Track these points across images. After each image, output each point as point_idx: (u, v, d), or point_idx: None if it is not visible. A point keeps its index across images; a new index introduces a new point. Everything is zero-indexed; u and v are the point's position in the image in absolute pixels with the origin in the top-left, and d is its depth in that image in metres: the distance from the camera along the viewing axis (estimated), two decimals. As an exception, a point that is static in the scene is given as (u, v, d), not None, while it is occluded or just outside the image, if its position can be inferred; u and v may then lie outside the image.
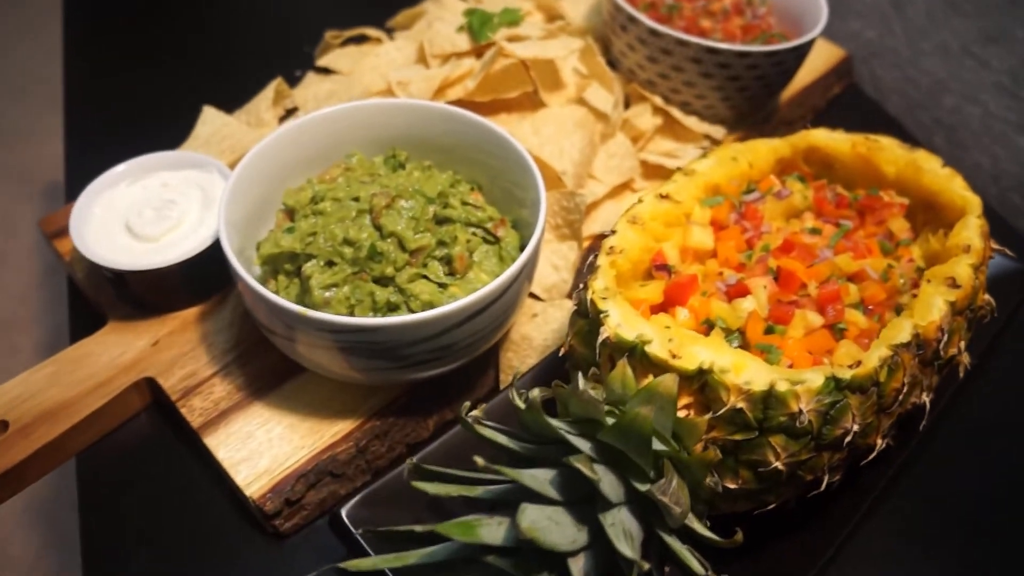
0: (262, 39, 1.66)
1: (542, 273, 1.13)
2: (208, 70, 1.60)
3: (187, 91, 1.45)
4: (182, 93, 1.46)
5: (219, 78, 1.55)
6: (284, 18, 1.73)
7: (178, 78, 1.58)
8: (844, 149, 1.10)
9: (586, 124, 1.21)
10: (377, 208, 1.00)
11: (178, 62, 1.62)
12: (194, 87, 1.51)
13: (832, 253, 0.98)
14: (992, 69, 1.67)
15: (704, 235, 0.99)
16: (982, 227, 0.98)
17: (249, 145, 1.26)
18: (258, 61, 1.54)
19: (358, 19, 1.56)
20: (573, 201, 1.12)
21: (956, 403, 1.03)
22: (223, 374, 1.07)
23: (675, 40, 1.24)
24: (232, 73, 1.55)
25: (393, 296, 0.99)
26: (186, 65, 1.62)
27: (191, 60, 1.63)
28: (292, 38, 1.60)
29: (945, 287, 0.90)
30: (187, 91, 1.45)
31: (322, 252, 0.99)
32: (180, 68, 1.61)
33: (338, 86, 1.32)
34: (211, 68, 1.60)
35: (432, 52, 1.29)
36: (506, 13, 1.31)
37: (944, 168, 1.06)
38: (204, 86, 1.52)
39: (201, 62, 1.62)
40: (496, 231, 1.07)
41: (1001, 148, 1.59)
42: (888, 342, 0.85)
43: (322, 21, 1.59)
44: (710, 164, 1.06)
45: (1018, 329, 1.12)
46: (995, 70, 1.66)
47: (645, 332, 0.85)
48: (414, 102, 1.12)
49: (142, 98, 1.53)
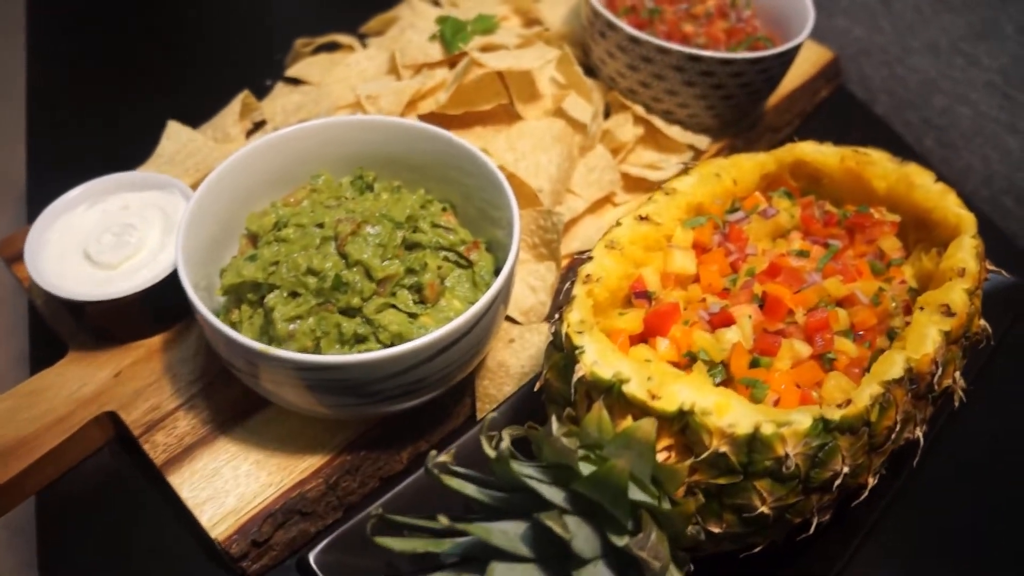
0: (231, 47, 1.58)
1: (519, 295, 1.07)
2: (175, 81, 1.52)
3: (153, 104, 1.38)
4: (148, 106, 1.38)
5: (187, 89, 1.48)
6: (254, 25, 1.65)
7: (144, 90, 1.50)
8: (832, 163, 1.04)
9: (564, 137, 1.14)
10: (342, 235, 0.94)
11: (144, 74, 1.54)
12: (161, 99, 1.44)
13: (820, 277, 0.92)
14: (982, 67, 1.60)
15: (686, 260, 0.93)
16: (977, 248, 0.92)
17: (216, 162, 1.19)
18: (227, 71, 1.46)
19: (332, 24, 1.48)
20: (550, 220, 1.05)
21: (949, 431, 0.97)
22: (188, 407, 1.01)
23: (656, 48, 1.17)
24: (200, 84, 1.47)
25: (361, 328, 0.93)
26: (152, 76, 1.54)
27: (157, 71, 1.55)
28: (262, 46, 1.52)
29: (939, 315, 0.84)
30: (153, 104, 1.38)
31: (285, 282, 0.93)
32: (146, 80, 1.53)
33: (307, 98, 1.25)
34: (178, 79, 1.53)
35: (403, 62, 1.22)
36: (480, 20, 1.23)
37: (937, 184, 0.99)
38: (171, 98, 1.44)
39: (168, 73, 1.54)
40: (469, 255, 1.01)
41: (992, 149, 1.52)
42: (879, 378, 0.79)
43: (294, 27, 1.52)
44: (692, 182, 0.99)
45: (1011, 348, 1.06)
46: (986, 68, 1.59)
47: (623, 370, 0.79)
48: (382, 119, 1.05)
49: (107, 112, 1.45)
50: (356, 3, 1.54)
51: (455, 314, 0.97)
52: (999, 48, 1.60)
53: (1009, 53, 1.59)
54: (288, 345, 0.92)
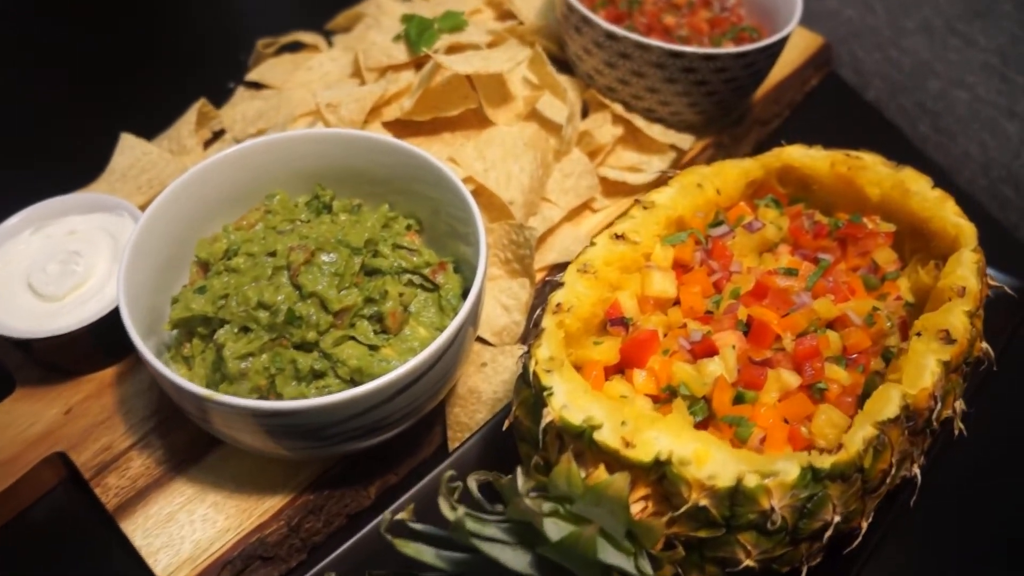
0: (192, 49, 1.47)
1: (491, 315, 0.99)
2: (130, 88, 1.41)
3: (105, 114, 1.28)
4: (99, 117, 1.28)
5: (144, 96, 1.37)
6: (217, 24, 1.54)
7: (95, 99, 1.39)
8: (822, 169, 0.95)
9: (537, 142, 1.05)
10: (295, 265, 0.85)
11: (95, 82, 1.43)
12: (114, 108, 1.33)
13: (810, 297, 0.84)
14: (979, 48, 1.49)
15: (665, 282, 0.84)
16: (978, 262, 0.83)
17: (172, 177, 1.10)
18: (188, 74, 1.37)
19: (299, 20, 1.38)
20: (522, 235, 0.97)
21: (945, 458, 0.88)
22: (141, 446, 0.93)
23: (634, 43, 1.07)
24: (158, 90, 1.36)
25: (318, 363, 0.85)
26: (105, 83, 1.42)
27: (110, 77, 1.43)
28: (226, 46, 1.42)
29: (938, 343, 0.76)
30: (105, 114, 1.28)
31: (235, 317, 0.85)
32: (97, 87, 1.42)
33: (268, 104, 1.16)
34: (134, 85, 1.41)
35: (367, 65, 1.12)
36: (448, 18, 1.13)
37: (934, 190, 0.90)
38: (125, 107, 1.33)
39: (122, 79, 1.43)
40: (434, 277, 0.92)
41: (990, 135, 1.43)
42: (873, 418, 0.71)
43: (259, 25, 1.42)
44: (671, 194, 0.90)
45: (1011, 361, 0.97)
46: (982, 49, 1.49)
47: (594, 415, 0.71)
48: (340, 133, 0.96)
49: (54, 124, 1.35)
50: (318, 5, 1.43)
51: (420, 343, 0.89)
52: (996, 27, 1.50)
53: (1007, 32, 1.49)
54: (240, 384, 0.84)
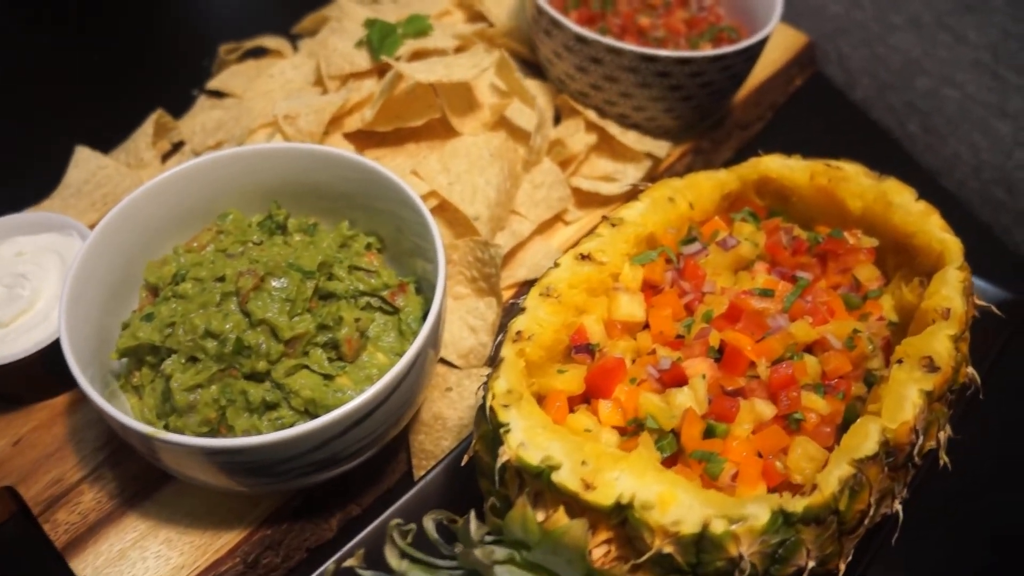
0: (156, 54, 1.40)
1: (457, 336, 0.94)
2: (89, 96, 1.34)
3: (60, 125, 1.22)
4: (54, 128, 1.22)
5: (103, 104, 1.30)
6: (182, 27, 1.47)
7: (50, 108, 1.32)
8: (801, 180, 0.89)
9: (504, 153, 0.99)
10: (243, 291, 0.80)
11: (51, 89, 1.35)
12: (71, 118, 1.27)
13: (787, 319, 0.78)
14: (969, 44, 1.43)
15: (633, 305, 0.79)
16: (964, 281, 0.78)
17: (127, 193, 1.04)
18: (151, 81, 1.31)
19: (267, 23, 1.32)
20: (488, 252, 0.91)
21: (928, 489, 0.83)
22: (93, 478, 0.88)
23: (605, 47, 1.02)
24: (118, 98, 1.30)
25: (270, 394, 0.80)
26: (61, 91, 1.35)
27: (67, 85, 1.36)
28: (192, 51, 1.35)
29: (920, 371, 0.70)
30: (60, 125, 1.22)
31: (183, 347, 0.79)
32: (52, 95, 1.34)
33: (228, 114, 1.10)
34: (93, 93, 1.34)
35: (328, 73, 1.06)
36: (412, 22, 1.08)
37: (918, 203, 0.85)
38: (83, 116, 1.27)
39: (80, 86, 1.36)
40: (394, 300, 0.87)
41: (981, 135, 1.37)
42: (850, 455, 0.65)
43: (224, 29, 1.36)
44: (641, 210, 0.85)
45: (998, 381, 0.91)
46: (973, 45, 1.43)
47: (553, 454, 0.66)
48: (293, 147, 0.90)
49: (6, 135, 1.28)
50: (287, 6, 1.37)
51: (378, 370, 0.84)
52: (987, 22, 1.43)
53: (998, 27, 1.42)
54: (190, 417, 0.79)
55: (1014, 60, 1.39)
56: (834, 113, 1.39)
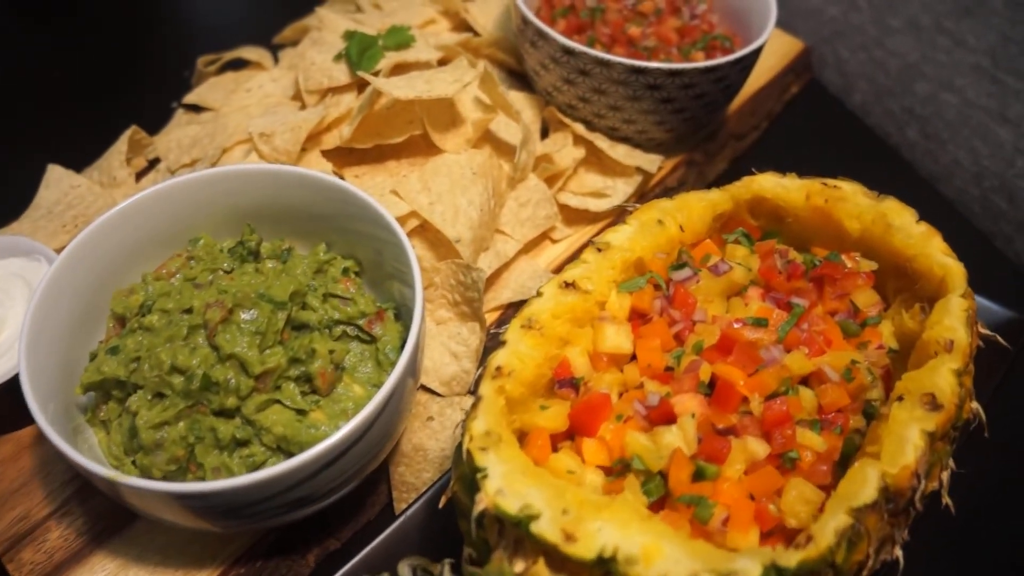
0: (135, 64, 1.35)
1: (439, 363, 0.89)
2: (65, 111, 1.28)
3: (32, 141, 1.16)
4: (25, 145, 1.17)
5: (79, 119, 1.24)
6: (162, 37, 1.42)
7: (21, 124, 1.26)
8: (797, 200, 0.84)
9: (487, 171, 0.94)
10: (211, 324, 0.75)
11: (24, 105, 1.29)
12: (44, 134, 1.21)
13: (782, 350, 0.74)
14: (968, 48, 1.38)
15: (620, 336, 0.74)
16: (967, 310, 0.73)
17: (99, 214, 1.00)
18: (128, 94, 1.26)
19: (250, 33, 1.27)
20: (470, 276, 0.87)
21: (930, 527, 0.78)
22: (60, 515, 0.84)
23: (593, 59, 0.97)
24: (96, 112, 1.24)
25: (240, 431, 0.75)
26: (34, 107, 1.30)
27: (41, 100, 1.30)
28: (172, 61, 1.31)
29: (922, 409, 0.66)
30: (32, 141, 1.16)
31: (148, 382, 0.75)
32: (25, 111, 1.29)
33: (204, 130, 1.05)
34: (69, 108, 1.29)
35: (306, 87, 1.02)
36: (393, 33, 1.02)
37: (919, 225, 0.80)
38: (57, 132, 1.21)
39: (56, 101, 1.30)
40: (371, 329, 0.83)
41: (981, 141, 1.32)
42: (848, 503, 0.61)
43: (207, 39, 1.31)
44: (629, 233, 0.80)
45: (1001, 408, 0.87)
46: (972, 49, 1.38)
47: (533, 502, 0.61)
48: (266, 169, 0.86)
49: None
50: (274, 8, 1.32)
51: (354, 404, 0.79)
52: (986, 25, 1.38)
53: (997, 31, 1.37)
54: (156, 455, 0.75)
55: (1014, 64, 1.33)
56: (831, 120, 1.34)
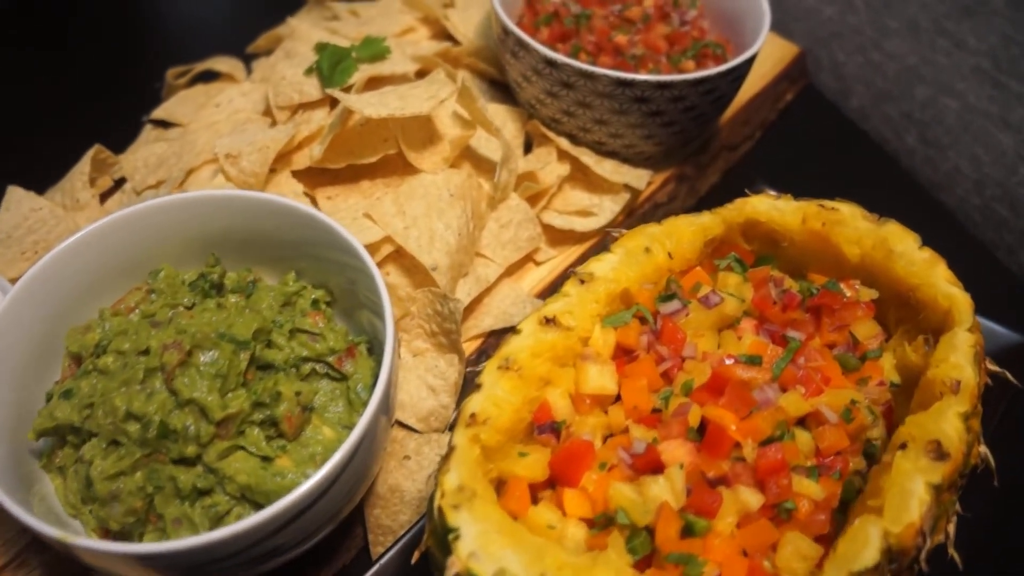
0: (103, 76, 1.27)
1: (416, 397, 0.83)
2: (29, 125, 1.21)
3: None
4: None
5: (47, 132, 1.18)
6: (132, 46, 1.34)
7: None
8: (792, 224, 0.79)
9: (466, 192, 0.88)
10: (169, 367, 0.69)
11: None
12: (10, 148, 1.14)
13: (776, 389, 0.68)
14: (969, 50, 1.32)
15: (604, 377, 0.69)
16: (975, 346, 0.67)
17: (62, 237, 0.94)
18: (97, 107, 1.19)
19: (225, 41, 1.20)
20: (447, 307, 0.81)
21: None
22: (15, 566, 0.78)
23: (577, 71, 0.91)
24: (63, 124, 1.18)
25: (202, 480, 0.70)
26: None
27: (5, 112, 1.23)
28: (143, 72, 1.24)
29: (927, 459, 0.60)
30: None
31: (103, 429, 0.69)
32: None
33: (171, 149, 0.99)
34: (33, 123, 1.21)
35: (276, 103, 0.96)
36: (367, 45, 0.96)
37: (922, 251, 0.74)
38: (20, 148, 1.14)
39: (20, 114, 1.23)
40: (341, 366, 0.77)
41: (983, 148, 1.26)
42: (847, 567, 0.56)
43: (180, 48, 1.24)
44: (614, 263, 0.74)
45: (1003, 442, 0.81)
46: (973, 51, 1.31)
47: (508, 566, 0.56)
48: (228, 195, 0.80)
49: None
50: (255, 12, 1.25)
51: (324, 448, 0.74)
52: (987, 26, 1.32)
53: (998, 32, 1.31)
54: (113, 507, 0.70)
55: (1016, 67, 1.27)
56: (827, 128, 1.28)
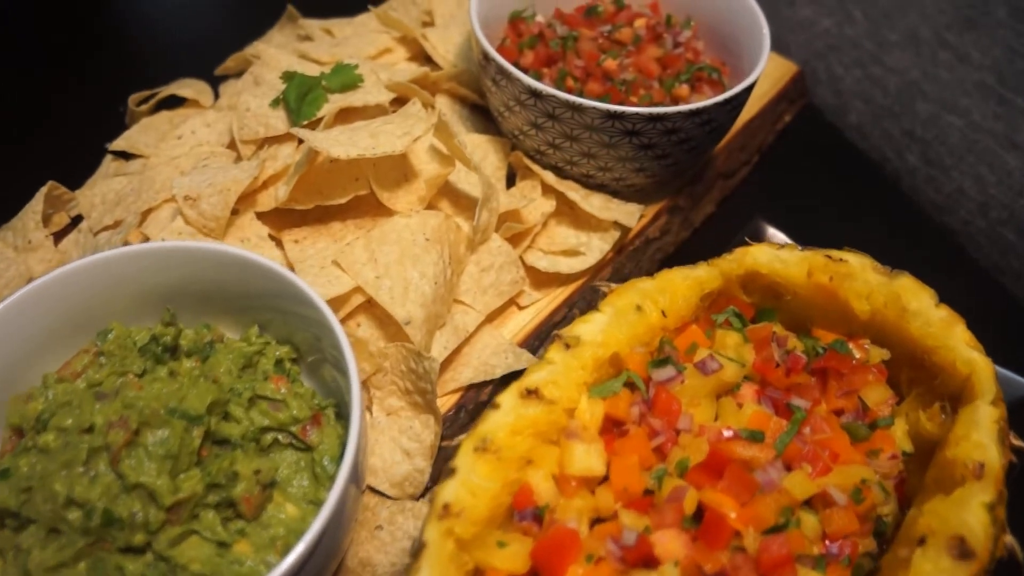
0: (63, 99, 1.18)
1: (389, 461, 0.76)
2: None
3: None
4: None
5: (9, 158, 1.09)
6: (98, 67, 1.24)
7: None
8: (797, 277, 0.71)
9: (443, 236, 0.81)
10: (115, 447, 0.62)
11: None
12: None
13: (781, 468, 0.61)
14: (972, 63, 1.24)
15: (591, 457, 0.62)
16: (999, 421, 0.60)
17: (9, 286, 0.86)
18: (54, 134, 1.11)
19: (198, 59, 1.11)
20: (422, 365, 0.74)
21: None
22: (-42, 650, 0.71)
23: (563, 103, 0.83)
24: (14, 155, 1.08)
25: (151, 570, 0.62)
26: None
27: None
28: (105, 93, 1.15)
29: (949, 558, 0.53)
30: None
31: (42, 516, 0.62)
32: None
33: (130, 185, 0.91)
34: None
35: (241, 137, 0.87)
36: (338, 73, 0.88)
37: (939, 309, 0.67)
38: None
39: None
40: (305, 436, 0.69)
41: (988, 168, 1.18)
42: None
43: (151, 65, 1.16)
44: (602, 325, 0.67)
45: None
46: (976, 65, 1.24)
47: None
48: (178, 247, 0.72)
49: None
50: (222, 36, 1.16)
51: (286, 529, 0.66)
52: (990, 38, 1.24)
53: (1002, 44, 1.23)
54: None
55: (1021, 82, 1.20)
56: (827, 147, 1.21)
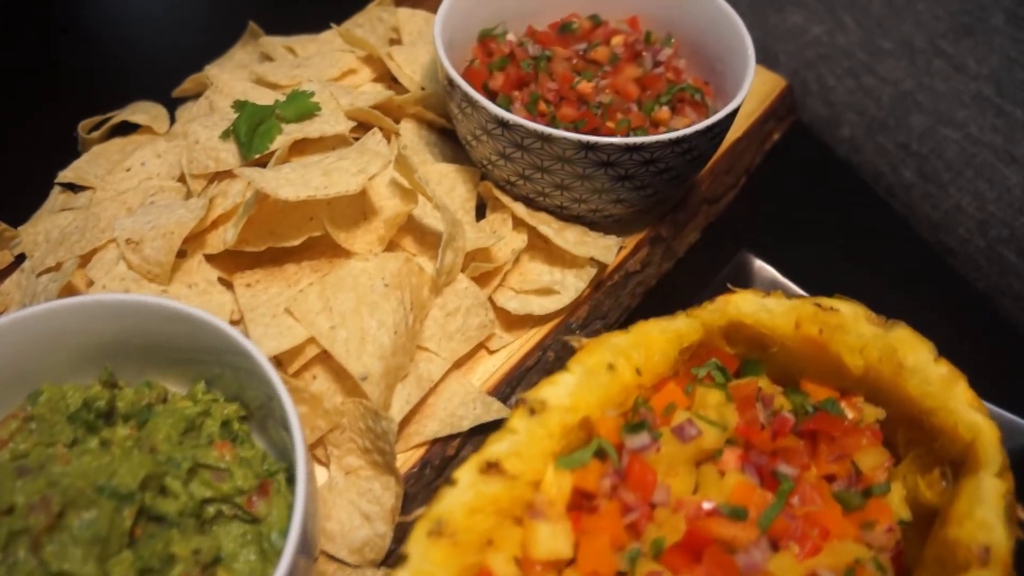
0: (13, 123, 1.10)
1: (347, 526, 0.70)
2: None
3: None
4: None
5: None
6: (55, 86, 1.17)
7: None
8: (784, 329, 0.65)
9: (403, 280, 0.74)
10: (35, 531, 0.56)
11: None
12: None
13: (766, 548, 0.55)
14: (969, 73, 1.17)
15: (557, 539, 0.55)
16: (1006, 495, 0.54)
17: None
18: (9, 158, 1.04)
19: (152, 81, 1.04)
20: (380, 425, 0.67)
21: None
22: None
23: (532, 132, 0.76)
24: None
25: (77, 665, 0.56)
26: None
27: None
28: (62, 116, 1.08)
29: (955, 663, 0.47)
30: None
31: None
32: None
33: (75, 222, 0.84)
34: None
35: (191, 171, 0.80)
36: (294, 101, 0.81)
37: (938, 365, 0.60)
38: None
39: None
40: (252, 508, 0.63)
41: (987, 184, 1.12)
42: None
43: (112, 85, 1.09)
44: (571, 387, 0.60)
45: None
46: (973, 75, 1.17)
47: None
48: (121, 299, 0.65)
49: None
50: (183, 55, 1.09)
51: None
52: (987, 46, 1.17)
53: (1000, 52, 1.16)
54: None
55: (1021, 94, 1.13)
56: (817, 164, 1.14)
